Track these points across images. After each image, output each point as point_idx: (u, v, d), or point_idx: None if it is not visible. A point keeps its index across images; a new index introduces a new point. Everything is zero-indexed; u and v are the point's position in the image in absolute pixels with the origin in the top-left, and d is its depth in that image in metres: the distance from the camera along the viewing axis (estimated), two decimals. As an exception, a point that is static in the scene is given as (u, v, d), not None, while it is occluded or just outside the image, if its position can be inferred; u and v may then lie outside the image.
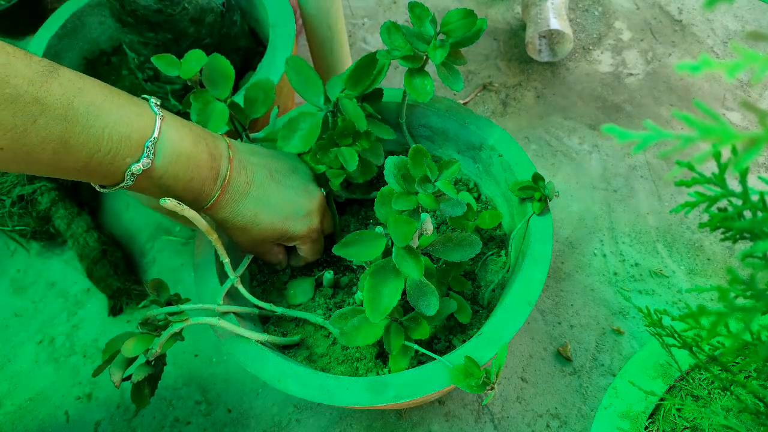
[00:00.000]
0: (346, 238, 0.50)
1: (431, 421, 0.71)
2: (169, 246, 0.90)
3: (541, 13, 0.98)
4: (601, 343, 0.75)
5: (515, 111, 0.99)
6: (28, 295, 0.88)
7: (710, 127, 0.17)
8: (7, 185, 0.86)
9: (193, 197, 0.52)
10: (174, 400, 0.76)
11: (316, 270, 0.66)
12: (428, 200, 0.46)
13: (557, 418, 0.70)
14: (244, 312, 0.58)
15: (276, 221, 0.57)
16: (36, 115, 0.40)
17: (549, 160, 0.92)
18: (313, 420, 0.72)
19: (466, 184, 0.69)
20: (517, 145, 0.62)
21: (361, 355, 0.58)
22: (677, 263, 0.80)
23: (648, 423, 0.52)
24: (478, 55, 1.07)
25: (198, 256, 0.60)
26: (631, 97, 0.99)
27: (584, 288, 0.79)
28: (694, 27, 1.07)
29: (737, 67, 0.16)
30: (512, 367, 0.74)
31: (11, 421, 0.77)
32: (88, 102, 0.43)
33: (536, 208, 0.57)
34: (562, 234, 0.84)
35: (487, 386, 0.47)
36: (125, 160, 0.46)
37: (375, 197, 0.53)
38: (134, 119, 0.46)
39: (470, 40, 0.55)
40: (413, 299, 0.50)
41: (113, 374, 0.48)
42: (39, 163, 0.43)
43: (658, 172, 0.90)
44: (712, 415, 0.48)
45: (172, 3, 0.69)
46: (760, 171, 0.89)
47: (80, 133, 0.43)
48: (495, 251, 0.64)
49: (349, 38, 1.11)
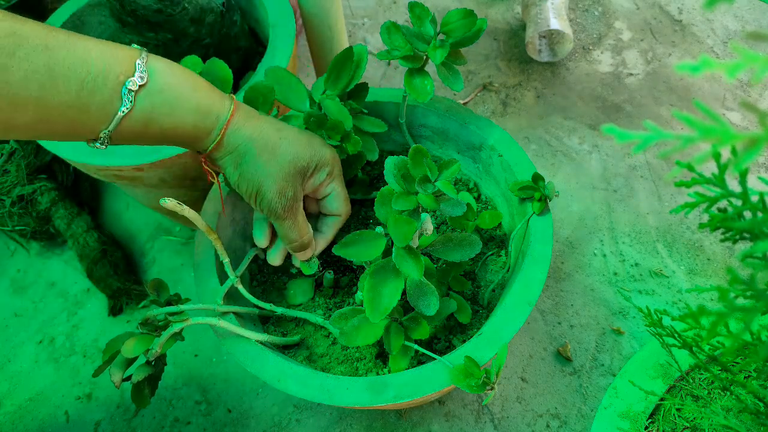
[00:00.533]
0: (346, 238, 0.50)
1: (431, 421, 0.71)
2: (169, 246, 0.90)
3: (541, 13, 0.98)
4: (601, 343, 0.75)
5: (515, 111, 0.99)
6: (28, 295, 0.88)
7: (710, 128, 0.17)
8: (7, 185, 0.86)
9: (203, 115, 0.47)
10: (174, 400, 0.76)
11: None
12: (428, 200, 0.46)
13: (557, 418, 0.70)
14: (244, 312, 0.58)
15: (301, 135, 0.52)
16: (13, 48, 0.37)
17: (549, 160, 0.92)
18: (313, 420, 0.72)
19: (466, 184, 0.69)
20: (517, 145, 0.62)
21: (361, 355, 0.58)
22: (677, 263, 0.80)
23: (648, 423, 0.52)
24: (478, 55, 1.07)
25: (198, 256, 0.60)
26: (631, 97, 0.99)
27: (584, 288, 0.79)
28: (694, 27, 1.07)
29: (737, 67, 0.16)
30: (512, 367, 0.74)
31: (11, 421, 0.77)
32: (66, 31, 0.41)
33: (536, 208, 0.57)
34: (562, 234, 0.84)
35: (487, 386, 0.47)
36: (119, 78, 0.42)
37: (375, 197, 0.53)
38: (117, 48, 0.43)
39: (470, 40, 0.55)
40: (413, 299, 0.50)
41: (113, 374, 0.48)
42: (26, 104, 0.38)
43: (658, 172, 0.90)
44: (712, 415, 0.48)
45: (172, 3, 0.69)
46: (760, 171, 0.89)
47: (65, 58, 0.39)
48: (495, 251, 0.64)
49: (349, 38, 1.11)
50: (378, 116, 0.68)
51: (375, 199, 0.50)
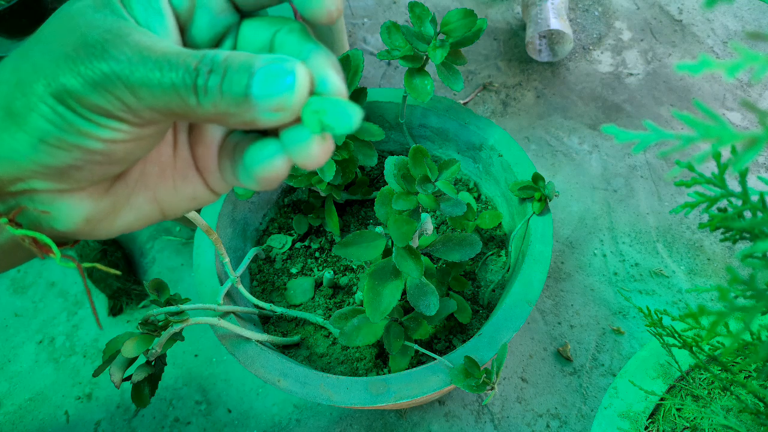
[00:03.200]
0: (346, 238, 0.50)
1: (431, 421, 0.71)
2: (169, 246, 0.90)
3: (541, 13, 0.98)
4: (601, 343, 0.75)
5: (515, 111, 0.99)
6: (28, 295, 0.88)
7: (710, 128, 0.17)
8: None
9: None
10: (174, 400, 0.76)
11: (316, 270, 0.66)
12: (428, 200, 0.46)
13: (557, 418, 0.70)
14: (244, 312, 0.58)
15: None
16: None
17: (549, 160, 0.92)
18: (313, 420, 0.72)
19: (466, 184, 0.69)
20: (517, 145, 0.62)
21: (361, 355, 0.58)
22: (677, 263, 0.80)
23: (648, 423, 0.52)
24: (478, 55, 1.07)
25: (198, 256, 0.60)
26: (631, 97, 0.99)
27: (584, 288, 0.79)
28: (694, 27, 1.07)
29: (737, 66, 0.16)
30: (512, 367, 0.74)
31: (11, 421, 0.77)
32: None
33: (536, 208, 0.57)
34: (562, 234, 0.84)
35: (487, 386, 0.47)
36: None
37: (375, 197, 0.53)
38: None
39: (470, 40, 0.55)
40: (413, 299, 0.50)
41: (113, 374, 0.48)
42: None
43: (658, 172, 0.90)
44: (712, 415, 0.48)
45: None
46: (760, 171, 0.89)
47: None
48: (495, 251, 0.64)
49: (349, 38, 1.11)
50: (378, 116, 0.68)
51: (375, 199, 0.50)
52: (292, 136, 0.23)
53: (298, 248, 0.69)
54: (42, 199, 0.24)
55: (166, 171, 0.27)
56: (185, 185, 0.27)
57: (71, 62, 0.21)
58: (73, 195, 0.24)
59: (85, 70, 0.21)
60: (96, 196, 0.25)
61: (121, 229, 0.27)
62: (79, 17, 0.22)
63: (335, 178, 0.59)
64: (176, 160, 0.27)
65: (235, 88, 0.21)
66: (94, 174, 0.24)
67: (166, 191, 0.27)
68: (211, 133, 0.27)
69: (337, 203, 0.69)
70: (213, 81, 0.21)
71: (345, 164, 0.60)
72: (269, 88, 0.21)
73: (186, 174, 0.27)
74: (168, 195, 0.27)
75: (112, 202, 0.26)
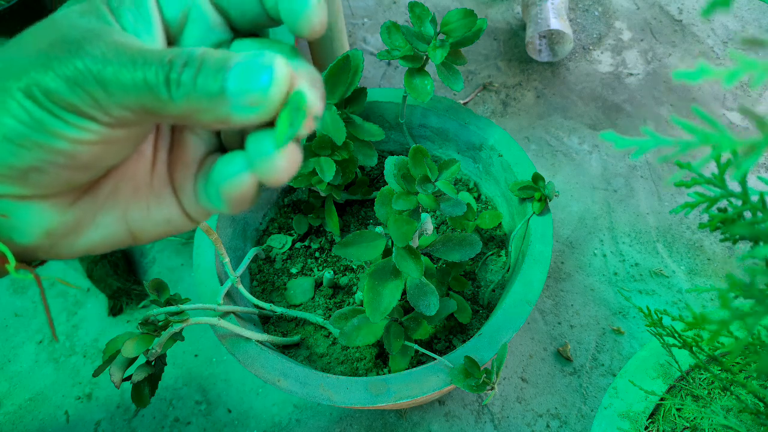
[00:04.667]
0: (346, 238, 0.50)
1: (431, 421, 0.71)
2: (169, 246, 0.90)
3: (541, 13, 0.98)
4: (601, 343, 0.75)
5: (515, 111, 0.99)
6: (28, 295, 0.88)
7: (709, 134, 0.17)
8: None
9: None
10: (174, 400, 0.76)
11: (316, 270, 0.66)
12: (428, 200, 0.46)
13: (557, 418, 0.70)
14: (244, 312, 0.58)
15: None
16: None
17: (549, 160, 0.92)
18: (313, 420, 0.72)
19: (466, 184, 0.69)
20: (517, 145, 0.62)
21: (361, 355, 0.58)
22: (677, 263, 0.80)
23: (648, 423, 0.52)
24: (478, 55, 1.07)
25: (198, 256, 0.60)
26: (631, 97, 0.98)
27: (584, 288, 0.79)
28: (694, 27, 1.07)
29: (735, 74, 0.16)
30: (512, 367, 0.74)
31: (11, 421, 0.77)
32: None
33: (536, 208, 0.57)
34: (562, 234, 0.84)
35: (487, 386, 0.47)
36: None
37: (375, 197, 0.53)
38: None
39: (470, 40, 0.55)
40: (413, 299, 0.50)
41: (113, 374, 0.48)
42: None
43: (658, 172, 0.90)
44: (712, 415, 0.48)
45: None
46: (760, 171, 0.89)
47: None
48: (495, 251, 0.64)
49: (349, 38, 1.11)
50: (378, 116, 0.68)
51: (375, 199, 0.50)
52: (258, 147, 0.22)
53: (298, 248, 0.69)
54: (1, 204, 0.22)
55: (140, 190, 0.26)
56: (160, 207, 0.26)
57: (44, 57, 0.20)
58: (34, 202, 0.23)
59: (58, 65, 0.20)
60: (60, 207, 0.24)
61: (85, 248, 0.25)
62: (63, 20, 0.22)
63: (335, 178, 0.59)
64: (153, 179, 0.26)
65: (210, 81, 0.20)
66: (59, 179, 0.22)
67: (139, 212, 0.26)
68: (192, 152, 0.26)
69: (337, 203, 0.69)
70: (187, 74, 0.20)
71: (345, 164, 0.60)
72: (246, 82, 0.20)
73: (161, 195, 0.26)
74: (140, 216, 0.26)
75: (77, 217, 0.24)
